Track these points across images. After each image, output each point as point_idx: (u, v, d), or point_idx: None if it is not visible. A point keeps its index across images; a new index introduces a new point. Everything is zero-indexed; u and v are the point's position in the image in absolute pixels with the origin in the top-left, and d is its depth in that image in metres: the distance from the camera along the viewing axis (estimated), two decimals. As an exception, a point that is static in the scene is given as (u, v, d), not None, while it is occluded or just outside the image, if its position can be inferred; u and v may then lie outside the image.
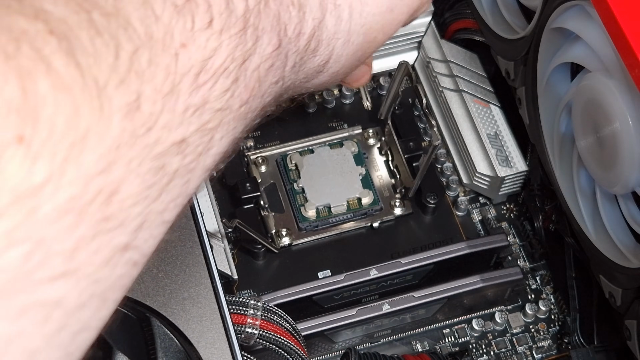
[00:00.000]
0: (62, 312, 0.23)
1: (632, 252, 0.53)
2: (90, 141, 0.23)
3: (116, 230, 0.24)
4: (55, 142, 0.22)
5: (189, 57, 0.27)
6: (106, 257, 0.24)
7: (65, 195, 0.22)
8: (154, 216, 0.26)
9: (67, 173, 0.22)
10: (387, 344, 0.64)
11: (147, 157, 0.25)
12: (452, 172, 0.68)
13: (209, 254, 0.48)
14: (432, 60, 0.69)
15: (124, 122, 0.24)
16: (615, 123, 0.50)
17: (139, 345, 0.46)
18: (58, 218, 0.22)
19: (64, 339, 0.24)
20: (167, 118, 0.26)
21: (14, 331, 0.22)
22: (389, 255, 0.63)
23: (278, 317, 0.50)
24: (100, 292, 0.24)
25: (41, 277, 0.22)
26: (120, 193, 0.24)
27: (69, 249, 0.23)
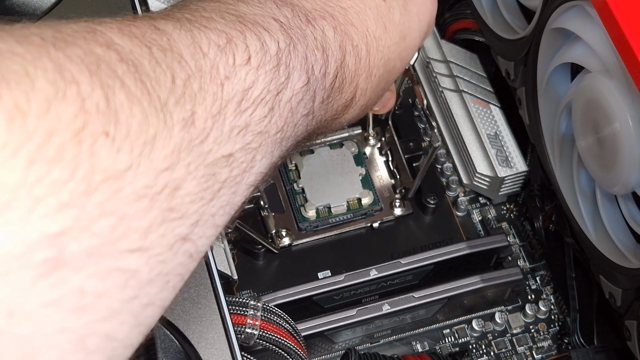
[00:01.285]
0: (136, 282, 0.27)
1: (632, 253, 0.53)
2: (157, 143, 0.28)
3: (178, 221, 0.29)
4: (132, 140, 0.27)
5: (232, 87, 0.32)
6: (170, 243, 0.29)
7: (141, 183, 0.27)
8: (207, 217, 0.31)
9: (142, 165, 0.27)
10: (387, 344, 0.64)
11: (202, 163, 0.30)
12: (452, 173, 0.68)
13: (209, 254, 0.48)
14: (432, 61, 0.69)
15: (182, 132, 0.29)
16: (615, 123, 0.50)
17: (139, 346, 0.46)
18: (136, 200, 0.27)
19: (135, 307, 0.28)
20: (217, 134, 0.31)
21: (101, 288, 0.26)
22: (389, 255, 0.63)
23: (278, 318, 0.50)
24: (164, 273, 0.29)
25: (123, 248, 0.27)
26: (181, 189, 0.29)
27: (144, 228, 0.27)
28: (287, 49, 0.36)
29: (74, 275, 0.25)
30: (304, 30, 0.38)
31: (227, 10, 0.36)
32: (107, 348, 0.27)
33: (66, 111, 0.25)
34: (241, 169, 0.33)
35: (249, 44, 0.34)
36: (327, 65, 0.39)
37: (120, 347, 0.28)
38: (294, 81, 0.36)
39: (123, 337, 0.28)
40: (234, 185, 0.32)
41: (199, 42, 0.32)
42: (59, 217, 0.25)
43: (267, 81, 0.34)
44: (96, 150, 0.26)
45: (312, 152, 0.66)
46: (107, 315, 0.26)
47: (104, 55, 0.28)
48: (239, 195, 0.33)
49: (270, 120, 0.34)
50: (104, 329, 0.26)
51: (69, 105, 0.25)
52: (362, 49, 0.43)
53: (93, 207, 0.26)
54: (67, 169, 0.25)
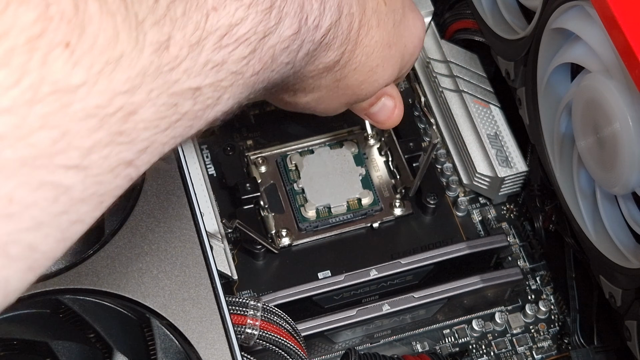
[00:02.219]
0: (68, 199, 0.27)
1: (632, 253, 0.53)
2: (122, 63, 0.27)
3: (126, 145, 0.28)
4: (94, 55, 0.26)
5: (217, 20, 0.31)
6: (112, 166, 0.28)
7: (93, 102, 0.26)
8: (157, 145, 0.30)
9: (99, 84, 0.26)
10: (387, 345, 0.64)
11: (165, 92, 0.29)
12: (452, 173, 0.68)
13: (209, 255, 0.48)
14: (432, 61, 0.69)
15: (152, 56, 0.28)
16: (615, 123, 0.50)
17: (139, 346, 0.46)
18: (84, 118, 0.26)
19: (63, 223, 0.28)
20: (189, 65, 0.30)
21: (31, 200, 0.26)
22: (389, 255, 0.63)
23: (278, 318, 0.50)
24: (100, 194, 0.28)
25: (59, 163, 0.26)
26: (137, 115, 0.28)
27: (86, 147, 0.27)
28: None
29: (4, 182, 0.25)
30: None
31: None
32: (29, 258, 0.27)
33: (25, 15, 0.24)
34: (205, 105, 0.32)
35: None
36: (321, 18, 0.38)
37: (42, 259, 0.28)
38: (284, 28, 0.35)
39: (47, 250, 0.28)
40: (193, 118, 0.31)
41: None
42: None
43: (255, 22, 0.33)
44: (50, 60, 0.25)
45: (312, 152, 0.66)
46: (32, 226, 0.26)
47: None
48: (194, 129, 0.32)
49: (248, 62, 0.33)
50: (28, 239, 0.27)
51: (29, 9, 0.24)
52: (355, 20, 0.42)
53: (35, 118, 0.25)
54: (12, 75, 0.24)
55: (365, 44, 0.44)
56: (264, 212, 0.63)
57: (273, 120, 0.69)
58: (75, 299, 0.45)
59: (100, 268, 0.46)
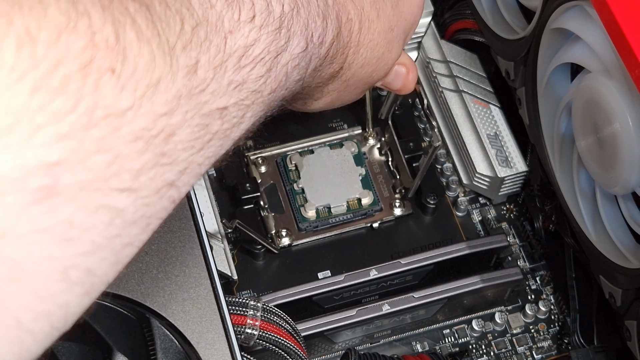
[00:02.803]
0: (121, 222, 0.28)
1: (632, 253, 0.53)
2: (161, 86, 0.28)
3: (168, 167, 0.29)
4: (137, 80, 0.27)
5: (234, 42, 0.33)
6: (158, 187, 0.29)
7: (140, 124, 0.27)
8: (194, 165, 0.31)
9: (143, 106, 0.27)
10: (387, 345, 0.64)
11: (198, 113, 0.30)
12: (452, 173, 0.68)
13: (209, 255, 0.48)
14: (432, 61, 0.69)
15: (184, 79, 0.29)
16: (615, 123, 0.50)
17: (139, 346, 0.46)
18: (133, 141, 0.27)
19: (117, 245, 0.28)
20: (216, 86, 0.31)
21: (89, 223, 0.27)
22: (389, 255, 0.63)
23: (278, 318, 0.50)
24: (148, 216, 0.29)
25: (113, 186, 0.27)
26: (176, 136, 0.29)
27: (136, 169, 0.28)
28: (290, 13, 0.36)
29: (65, 206, 0.26)
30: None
31: None
32: (87, 282, 0.28)
33: (75, 42, 0.25)
34: (232, 124, 0.33)
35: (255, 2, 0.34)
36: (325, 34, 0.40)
37: (98, 283, 0.28)
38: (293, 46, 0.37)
39: (102, 274, 0.28)
40: (223, 138, 0.33)
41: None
42: (57, 147, 0.25)
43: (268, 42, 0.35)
44: (101, 85, 0.26)
45: (312, 152, 0.66)
46: (91, 249, 0.27)
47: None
48: (224, 148, 0.33)
49: (265, 80, 0.35)
50: (87, 262, 0.27)
51: (79, 37, 0.25)
52: (355, 24, 0.43)
53: (91, 141, 0.26)
54: (70, 100, 0.25)
55: (368, 39, 0.45)
56: (264, 212, 0.63)
57: (273, 120, 0.69)
58: (75, 299, 0.45)
59: (100, 268, 0.46)
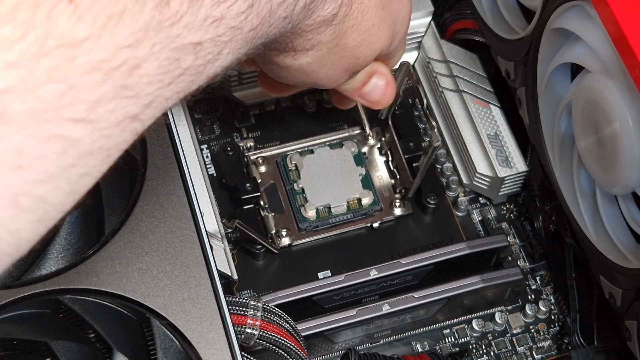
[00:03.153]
0: (76, 152, 0.28)
1: (632, 253, 0.53)
2: (125, 18, 0.28)
3: (131, 99, 0.29)
4: (97, 10, 0.27)
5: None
6: (118, 119, 0.29)
7: (98, 55, 0.27)
8: (161, 99, 0.31)
9: (103, 38, 0.27)
10: (387, 345, 0.64)
11: (167, 46, 0.30)
12: (452, 173, 0.68)
13: (209, 255, 0.48)
14: (432, 61, 0.69)
15: (154, 11, 0.29)
16: (615, 123, 0.50)
17: (139, 346, 0.46)
18: (89, 71, 0.27)
19: (72, 175, 0.28)
20: (189, 20, 0.31)
21: (40, 152, 0.27)
22: (389, 255, 0.63)
23: (278, 318, 0.50)
24: (107, 148, 0.29)
25: (67, 116, 0.27)
26: (140, 69, 0.29)
27: (92, 100, 0.27)
28: None
29: (14, 134, 0.26)
30: None
31: None
32: (40, 210, 0.28)
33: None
34: (206, 60, 0.33)
35: None
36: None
37: (52, 211, 0.28)
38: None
39: (56, 202, 0.28)
40: (195, 73, 0.32)
41: None
42: (4, 75, 0.25)
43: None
44: (54, 15, 0.26)
45: (312, 152, 0.66)
46: (42, 178, 0.27)
47: None
48: (196, 84, 0.33)
49: (247, 17, 0.34)
50: (39, 191, 0.27)
51: None
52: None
53: (42, 71, 0.26)
54: (19, 29, 0.25)
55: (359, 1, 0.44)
56: (264, 212, 0.63)
57: (273, 120, 0.69)
58: (75, 299, 0.45)
59: (100, 268, 0.46)
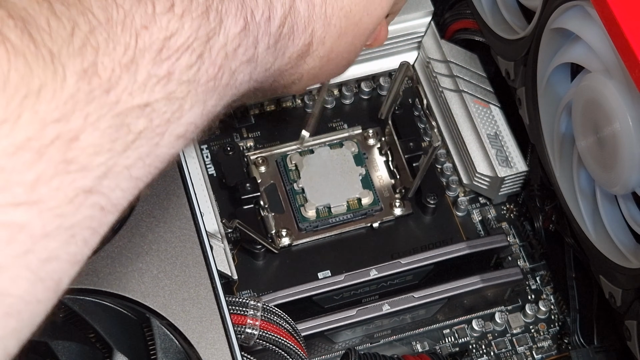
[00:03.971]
0: (27, 236, 0.26)
1: (632, 253, 0.53)
2: (45, 94, 0.27)
3: (78, 173, 0.28)
4: (9, 93, 0.26)
5: (149, 36, 0.31)
6: (69, 196, 0.28)
7: (21, 135, 0.26)
8: (119, 168, 0.30)
9: (23, 117, 0.26)
10: (387, 345, 0.64)
11: (107, 114, 0.29)
12: (452, 173, 0.68)
13: (209, 255, 0.48)
14: (432, 61, 0.69)
15: (79, 83, 0.28)
16: (615, 123, 0.50)
17: (139, 346, 0.46)
18: (15, 153, 0.26)
19: (32, 262, 0.27)
20: (127, 84, 0.30)
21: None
22: (389, 255, 0.63)
23: (278, 318, 0.50)
24: (66, 227, 0.28)
25: (3, 201, 0.26)
26: (80, 141, 0.28)
27: (29, 181, 0.26)
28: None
29: None
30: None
31: None
32: (2, 303, 0.26)
33: None
34: (164, 119, 0.31)
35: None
36: (271, 10, 0.37)
37: (19, 303, 0.27)
38: (228, 27, 0.35)
39: (21, 293, 0.27)
40: (155, 136, 0.31)
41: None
42: None
43: (194, 28, 0.33)
44: None
45: (312, 152, 0.66)
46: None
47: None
48: (163, 146, 0.32)
49: (199, 68, 0.33)
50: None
51: None
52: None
53: None
54: None
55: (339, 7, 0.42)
56: (264, 212, 0.63)
57: (273, 120, 0.69)
58: (75, 299, 0.45)
59: (100, 268, 0.46)
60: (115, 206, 0.30)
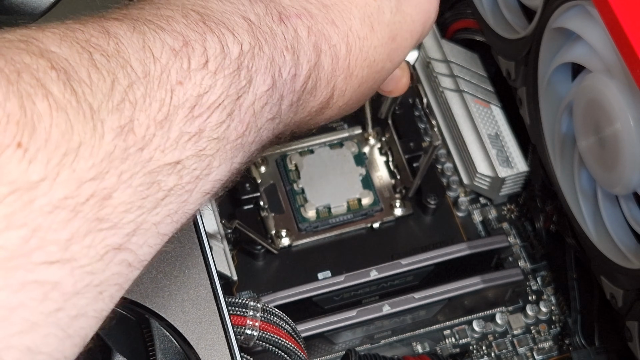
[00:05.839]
0: (59, 294, 0.26)
1: (633, 253, 0.53)
2: (83, 152, 0.27)
3: (109, 231, 0.28)
4: (50, 150, 0.26)
5: (183, 93, 0.31)
6: (100, 253, 0.28)
7: (59, 194, 0.26)
8: (148, 225, 0.30)
9: (61, 175, 0.26)
10: (388, 345, 0.64)
11: (139, 172, 0.29)
12: (453, 173, 0.68)
13: (209, 255, 0.48)
14: (433, 60, 0.69)
15: (116, 140, 0.28)
16: (616, 123, 0.50)
17: (138, 347, 0.45)
18: (52, 211, 0.26)
19: (62, 319, 0.27)
20: (160, 141, 0.30)
21: (15, 302, 0.25)
22: (389, 256, 0.63)
23: (278, 319, 0.50)
24: (95, 284, 0.28)
25: (38, 260, 0.26)
26: (112, 199, 0.28)
27: (64, 239, 0.26)
28: (250, 52, 0.34)
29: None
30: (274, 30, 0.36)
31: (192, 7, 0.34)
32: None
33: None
34: (193, 176, 0.31)
35: (207, 47, 0.32)
36: (297, 67, 0.37)
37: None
38: (257, 85, 0.35)
39: (51, 350, 0.27)
40: (183, 193, 0.31)
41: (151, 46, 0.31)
42: None
43: (225, 86, 0.33)
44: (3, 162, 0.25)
45: (312, 152, 0.66)
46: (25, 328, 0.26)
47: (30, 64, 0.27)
48: (191, 203, 0.32)
49: (228, 125, 0.33)
50: (24, 342, 0.26)
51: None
52: (341, 48, 0.40)
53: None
54: None
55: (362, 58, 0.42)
56: (264, 212, 0.63)
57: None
58: (74, 299, 0.45)
59: (99, 269, 0.46)
60: (142, 262, 0.30)
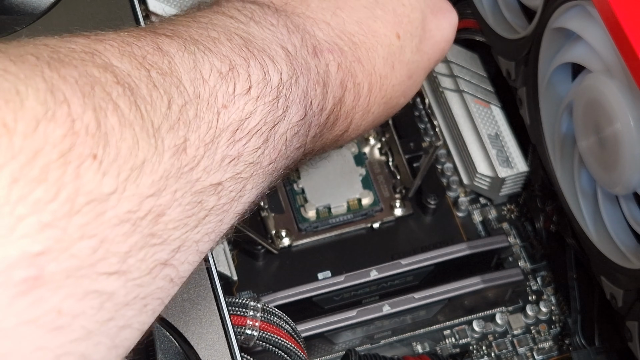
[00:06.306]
0: (112, 305, 0.27)
1: (633, 253, 0.53)
2: (146, 168, 0.28)
3: (159, 247, 0.29)
4: (120, 164, 0.27)
5: (228, 116, 0.32)
6: (149, 267, 0.29)
7: (124, 207, 0.27)
8: (190, 243, 0.31)
9: (127, 190, 0.27)
10: (388, 345, 0.64)
11: (189, 191, 0.30)
12: (453, 173, 0.68)
13: (209, 255, 0.48)
14: (433, 61, 0.69)
15: (172, 159, 0.29)
16: (616, 123, 0.50)
17: (138, 348, 0.45)
18: (118, 224, 0.27)
19: (111, 329, 0.28)
20: (207, 162, 0.31)
21: (78, 310, 0.26)
22: (389, 256, 0.63)
23: (278, 319, 0.50)
24: (142, 297, 0.29)
25: (101, 271, 0.27)
26: (165, 216, 0.29)
27: (123, 252, 0.27)
28: (289, 82, 0.35)
29: (52, 295, 0.25)
30: (309, 63, 0.38)
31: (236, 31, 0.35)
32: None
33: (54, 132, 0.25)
34: (230, 198, 0.33)
35: (251, 73, 0.33)
36: (325, 101, 0.39)
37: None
38: (291, 114, 0.36)
39: (99, 358, 0.28)
40: (221, 213, 0.32)
41: (200, 67, 0.32)
42: (40, 237, 0.25)
43: (264, 113, 0.34)
44: (82, 172, 0.26)
45: (312, 152, 0.66)
46: (82, 335, 0.27)
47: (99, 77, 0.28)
48: (225, 223, 0.33)
49: (263, 151, 0.34)
50: (80, 349, 0.27)
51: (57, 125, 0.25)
52: (364, 87, 0.42)
53: (74, 229, 0.26)
54: (50, 189, 0.25)
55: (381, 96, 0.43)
56: (264, 212, 0.63)
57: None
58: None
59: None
60: (181, 279, 0.31)
